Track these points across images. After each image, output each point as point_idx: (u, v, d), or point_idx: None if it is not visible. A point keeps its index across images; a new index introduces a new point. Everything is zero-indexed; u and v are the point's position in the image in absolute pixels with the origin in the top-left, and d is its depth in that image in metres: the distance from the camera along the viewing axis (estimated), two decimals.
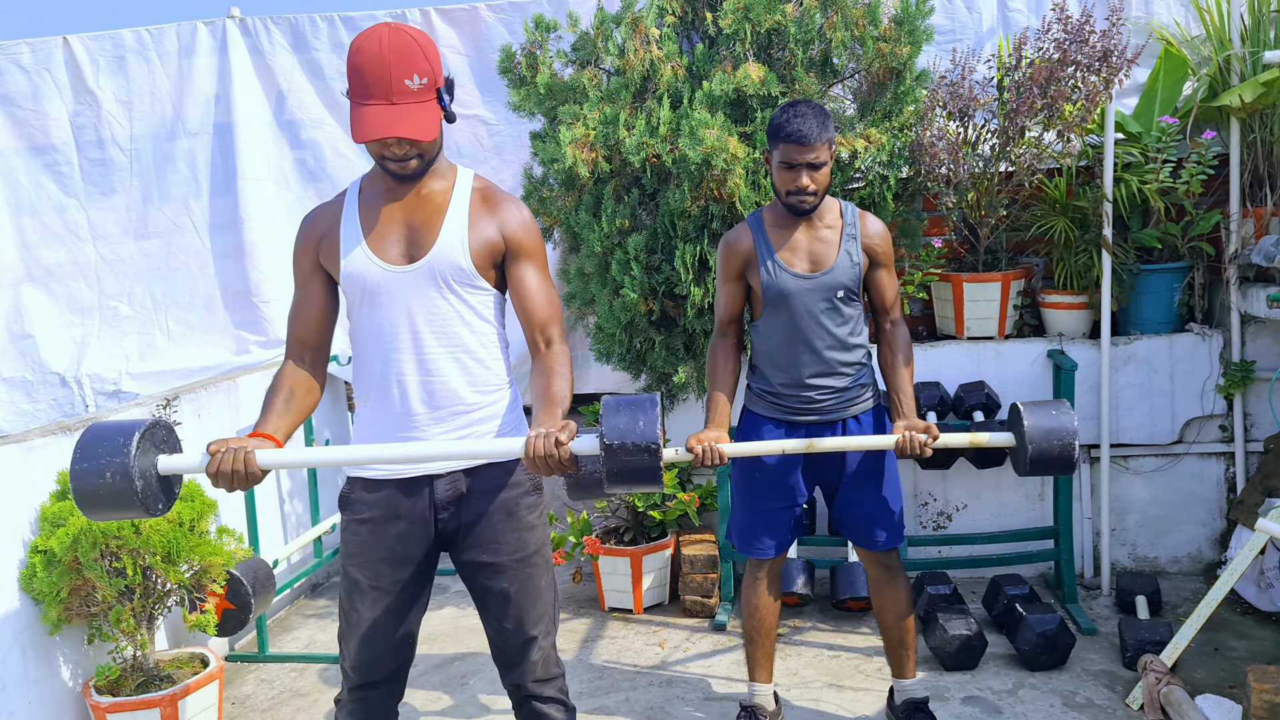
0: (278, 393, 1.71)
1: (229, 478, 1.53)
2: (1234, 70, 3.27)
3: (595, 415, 3.67)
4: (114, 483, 1.48)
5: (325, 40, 4.01)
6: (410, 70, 1.59)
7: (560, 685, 1.86)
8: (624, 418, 1.49)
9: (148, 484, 1.53)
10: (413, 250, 1.71)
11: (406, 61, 1.59)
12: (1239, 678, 2.68)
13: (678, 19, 3.39)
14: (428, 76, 1.62)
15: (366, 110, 1.59)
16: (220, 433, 3.30)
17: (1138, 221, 3.46)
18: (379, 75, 1.58)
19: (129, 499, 1.49)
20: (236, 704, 2.94)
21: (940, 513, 3.58)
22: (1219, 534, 3.49)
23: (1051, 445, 1.95)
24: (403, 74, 1.59)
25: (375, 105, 1.59)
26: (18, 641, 2.41)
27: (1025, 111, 3.19)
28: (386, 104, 1.59)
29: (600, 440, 1.50)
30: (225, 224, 4.06)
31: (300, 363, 1.77)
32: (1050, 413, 1.98)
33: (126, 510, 1.51)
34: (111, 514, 1.52)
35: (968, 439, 2.11)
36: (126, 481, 1.48)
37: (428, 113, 1.62)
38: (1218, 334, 3.39)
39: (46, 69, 4.01)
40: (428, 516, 1.77)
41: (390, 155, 1.64)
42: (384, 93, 1.59)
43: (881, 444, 2.18)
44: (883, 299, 2.36)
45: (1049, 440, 1.95)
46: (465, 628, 3.39)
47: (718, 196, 3.17)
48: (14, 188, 4.07)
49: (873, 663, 2.96)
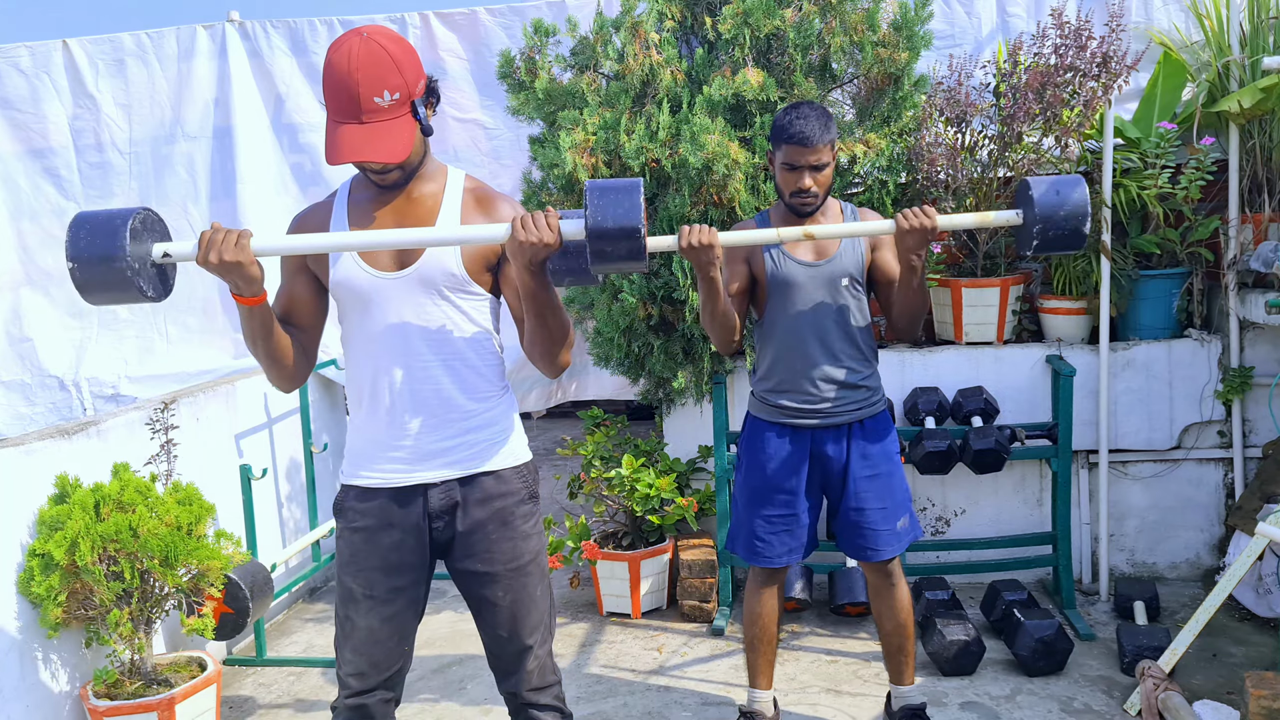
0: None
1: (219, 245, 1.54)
2: (1233, 76, 3.28)
3: (593, 420, 3.67)
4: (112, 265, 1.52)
5: (324, 44, 4.01)
6: (380, 87, 1.56)
7: (557, 692, 1.85)
8: (608, 199, 1.55)
9: (144, 269, 1.57)
10: (403, 256, 1.69)
11: (375, 78, 1.56)
12: (1237, 684, 2.68)
13: (677, 24, 3.40)
14: (399, 91, 1.58)
15: (339, 131, 1.58)
16: (219, 438, 3.31)
17: (1136, 227, 3.46)
18: (348, 94, 1.56)
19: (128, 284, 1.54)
20: (234, 708, 2.94)
21: (938, 518, 3.58)
22: (1217, 540, 3.49)
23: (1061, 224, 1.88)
24: (372, 91, 1.56)
25: (346, 125, 1.57)
26: (15, 645, 2.41)
27: (1022, 117, 3.20)
28: (356, 124, 1.57)
29: (585, 220, 1.56)
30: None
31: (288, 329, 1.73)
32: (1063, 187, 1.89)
33: (125, 294, 1.56)
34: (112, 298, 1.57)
35: (975, 218, 2.01)
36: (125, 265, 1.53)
37: (399, 130, 1.59)
38: (1216, 340, 3.39)
39: (46, 72, 4.01)
40: (422, 525, 1.76)
41: (368, 168, 1.64)
42: (353, 112, 1.57)
43: (881, 229, 2.07)
44: (890, 274, 2.32)
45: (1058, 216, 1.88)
46: (463, 632, 3.39)
47: (717, 201, 3.17)
48: (13, 191, 4.08)
49: (871, 668, 2.95)
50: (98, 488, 2.54)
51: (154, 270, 1.61)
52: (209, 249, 1.54)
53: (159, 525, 2.49)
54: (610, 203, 1.56)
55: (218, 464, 3.23)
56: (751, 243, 2.15)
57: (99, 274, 1.55)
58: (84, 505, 2.46)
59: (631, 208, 1.55)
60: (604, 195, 1.57)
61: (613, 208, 1.55)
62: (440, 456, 1.73)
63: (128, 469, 2.65)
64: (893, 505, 2.36)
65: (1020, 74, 3.23)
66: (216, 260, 1.54)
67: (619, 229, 1.55)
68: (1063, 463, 3.23)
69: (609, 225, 1.55)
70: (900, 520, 2.37)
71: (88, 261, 1.54)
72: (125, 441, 2.81)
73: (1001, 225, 2.01)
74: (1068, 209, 1.89)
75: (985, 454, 3.17)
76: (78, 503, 2.46)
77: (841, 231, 2.15)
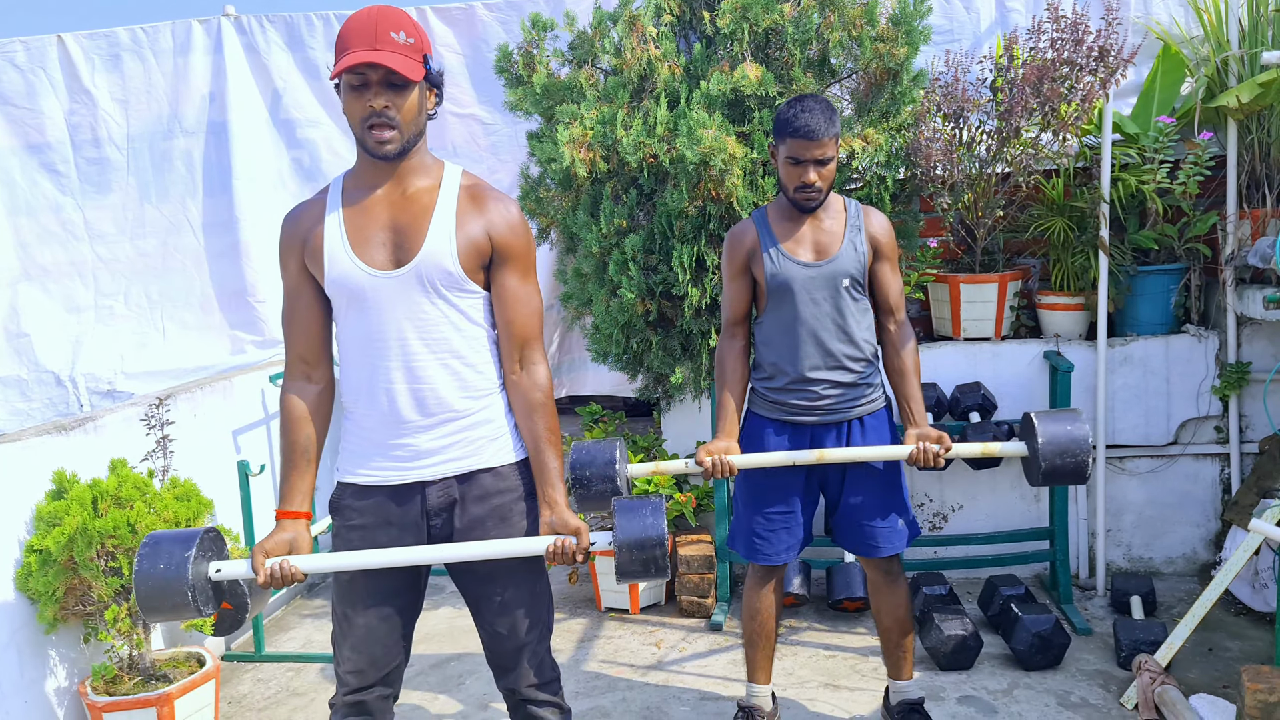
0: (294, 448, 1.74)
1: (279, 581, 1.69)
2: (1232, 71, 3.27)
3: (591, 416, 3.67)
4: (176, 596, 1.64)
5: (320, 39, 4.00)
6: (397, 27, 1.60)
7: (555, 689, 1.85)
8: (633, 519, 1.68)
9: (203, 590, 1.68)
10: (399, 254, 1.67)
11: (393, 21, 1.60)
12: (1233, 678, 2.68)
13: (675, 18, 3.39)
14: (414, 38, 1.62)
15: (348, 54, 1.59)
16: (216, 434, 3.30)
17: (1135, 223, 3.46)
18: (364, 29, 1.58)
19: (187, 606, 1.65)
20: (233, 703, 2.94)
21: (936, 513, 3.58)
22: (1214, 535, 3.50)
23: (1065, 459, 2.03)
24: (389, 28, 1.59)
25: (358, 50, 1.58)
26: (13, 641, 2.41)
27: (1018, 111, 3.19)
28: (370, 49, 1.58)
29: (614, 545, 1.68)
30: (220, 223, 4.05)
31: (306, 386, 1.75)
32: (1064, 425, 2.04)
33: (182, 614, 1.67)
34: (170, 618, 1.68)
35: (980, 449, 2.16)
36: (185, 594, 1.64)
37: (411, 62, 1.61)
38: (1214, 335, 3.39)
39: (41, 67, 4.00)
40: (420, 523, 1.75)
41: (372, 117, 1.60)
42: (368, 41, 1.58)
43: (896, 454, 2.20)
44: (886, 295, 2.34)
45: (1062, 454, 2.03)
46: (461, 628, 3.39)
47: (715, 197, 3.17)
48: (10, 186, 4.06)
49: (868, 663, 2.96)
50: (95, 483, 2.53)
51: (210, 590, 1.70)
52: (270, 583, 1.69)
53: (157, 521, 2.49)
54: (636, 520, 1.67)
55: (215, 460, 3.23)
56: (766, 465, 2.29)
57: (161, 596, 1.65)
58: (81, 501, 2.46)
59: (655, 525, 1.67)
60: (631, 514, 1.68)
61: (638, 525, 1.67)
62: (438, 454, 1.73)
63: (125, 465, 2.65)
64: (892, 502, 2.36)
65: (1017, 69, 3.23)
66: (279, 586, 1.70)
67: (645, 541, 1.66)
68: None
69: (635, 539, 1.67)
70: (900, 517, 2.37)
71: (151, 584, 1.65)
72: (122, 437, 2.81)
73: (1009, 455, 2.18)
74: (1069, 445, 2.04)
75: None
76: (75, 499, 2.46)
77: (854, 456, 2.23)
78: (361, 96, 1.61)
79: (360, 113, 1.62)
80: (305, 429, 1.74)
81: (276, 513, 1.74)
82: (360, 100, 1.61)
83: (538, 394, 1.74)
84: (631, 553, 1.66)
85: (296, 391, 1.75)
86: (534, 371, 1.75)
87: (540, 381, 1.75)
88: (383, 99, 1.60)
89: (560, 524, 1.69)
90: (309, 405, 1.75)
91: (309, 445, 1.74)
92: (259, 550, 1.67)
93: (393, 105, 1.61)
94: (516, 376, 1.75)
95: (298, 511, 1.73)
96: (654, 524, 1.66)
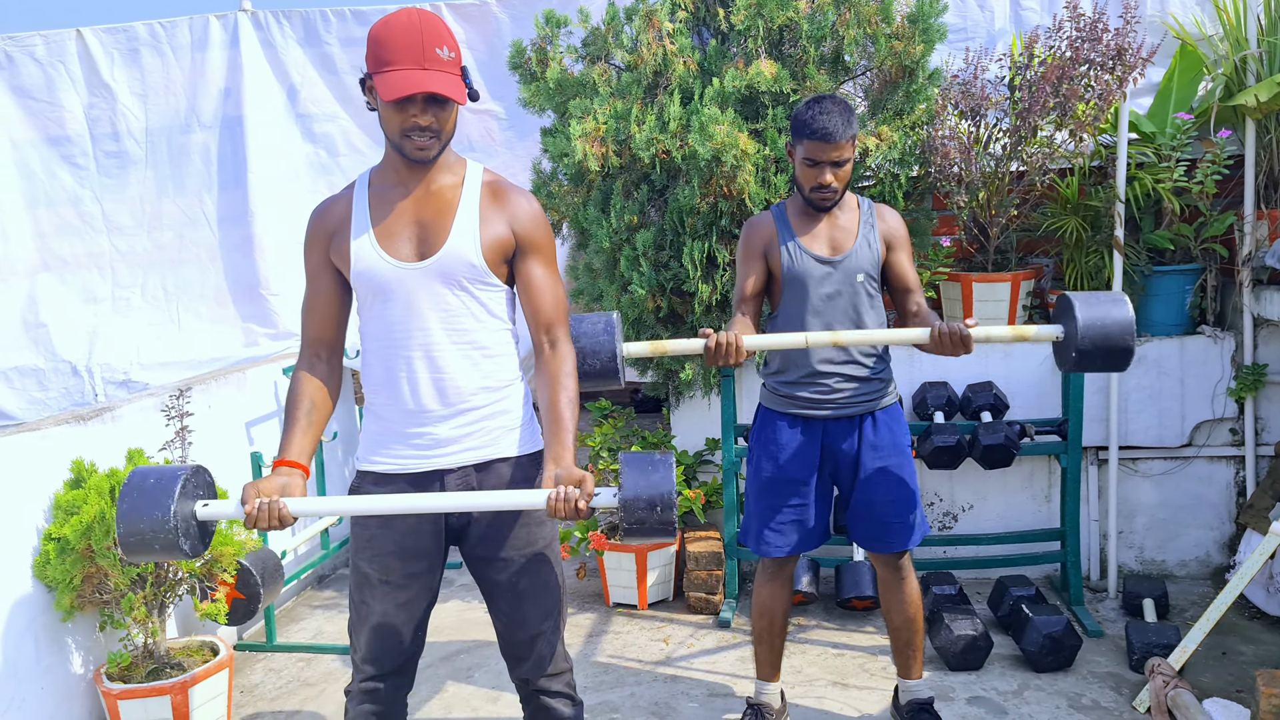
0: (298, 408, 1.73)
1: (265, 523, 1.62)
2: (1250, 70, 3.25)
3: (601, 411, 3.67)
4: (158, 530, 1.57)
5: (337, 34, 4.02)
6: (441, 42, 1.61)
7: (568, 679, 1.87)
8: (641, 474, 1.58)
9: (188, 529, 1.61)
10: (424, 247, 1.71)
11: (437, 35, 1.61)
12: (1247, 682, 2.67)
13: (690, 14, 3.39)
14: (455, 53, 1.64)
15: (396, 73, 1.59)
16: (231, 425, 3.33)
17: (1150, 222, 3.44)
18: (410, 42, 1.59)
19: (171, 545, 1.58)
20: (245, 692, 2.96)
21: (946, 513, 3.57)
22: (1228, 538, 3.47)
23: (1103, 342, 1.85)
24: (435, 43, 1.60)
25: (406, 69, 1.59)
26: (30, 628, 2.43)
27: (1037, 110, 3.18)
28: (419, 69, 1.59)
29: (619, 499, 1.58)
30: (235, 217, 4.08)
31: (316, 363, 1.77)
32: (1105, 307, 1.87)
33: (168, 554, 1.60)
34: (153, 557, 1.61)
35: (1012, 332, 2.01)
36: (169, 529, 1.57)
37: (458, 81, 1.63)
38: (1230, 336, 3.37)
39: (61, 61, 4.03)
40: (438, 512, 1.77)
41: (415, 130, 1.63)
42: (416, 59, 1.59)
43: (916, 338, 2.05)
44: (904, 280, 2.33)
45: (1102, 337, 1.85)
46: (471, 620, 3.41)
47: (727, 194, 3.17)
48: (29, 178, 4.10)
49: (877, 661, 2.96)
50: (113, 473, 2.56)
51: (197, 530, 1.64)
52: (255, 524, 1.61)
53: None
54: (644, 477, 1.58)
55: (229, 451, 3.26)
56: (776, 347, 2.18)
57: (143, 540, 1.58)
58: (99, 490, 2.48)
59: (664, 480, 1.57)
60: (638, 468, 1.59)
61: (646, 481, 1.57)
62: (457, 443, 1.75)
63: (142, 454, 2.67)
64: (904, 498, 2.36)
65: (1035, 67, 3.21)
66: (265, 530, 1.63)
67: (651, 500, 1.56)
68: (1072, 459, 3.23)
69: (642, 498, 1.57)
70: (912, 514, 2.37)
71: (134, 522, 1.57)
72: (140, 427, 2.84)
73: (1042, 340, 1.99)
74: (1111, 326, 1.86)
75: (994, 449, 3.17)
76: (93, 488, 2.49)
77: (873, 339, 2.14)
78: (405, 110, 1.62)
79: (402, 124, 1.64)
80: (311, 394, 1.74)
81: (274, 462, 1.71)
82: (403, 114, 1.63)
83: (564, 369, 1.75)
84: (638, 511, 1.56)
85: (306, 368, 1.77)
86: (560, 350, 1.77)
87: (566, 360, 1.77)
88: (429, 116, 1.63)
89: (565, 475, 1.61)
90: (318, 378, 1.77)
91: (312, 409, 1.73)
92: (250, 487, 1.60)
93: (437, 120, 1.64)
94: (545, 356, 1.77)
95: (295, 462, 1.68)
96: (662, 481, 1.57)
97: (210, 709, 2.60)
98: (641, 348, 2.16)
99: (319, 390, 1.75)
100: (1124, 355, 1.89)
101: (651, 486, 1.56)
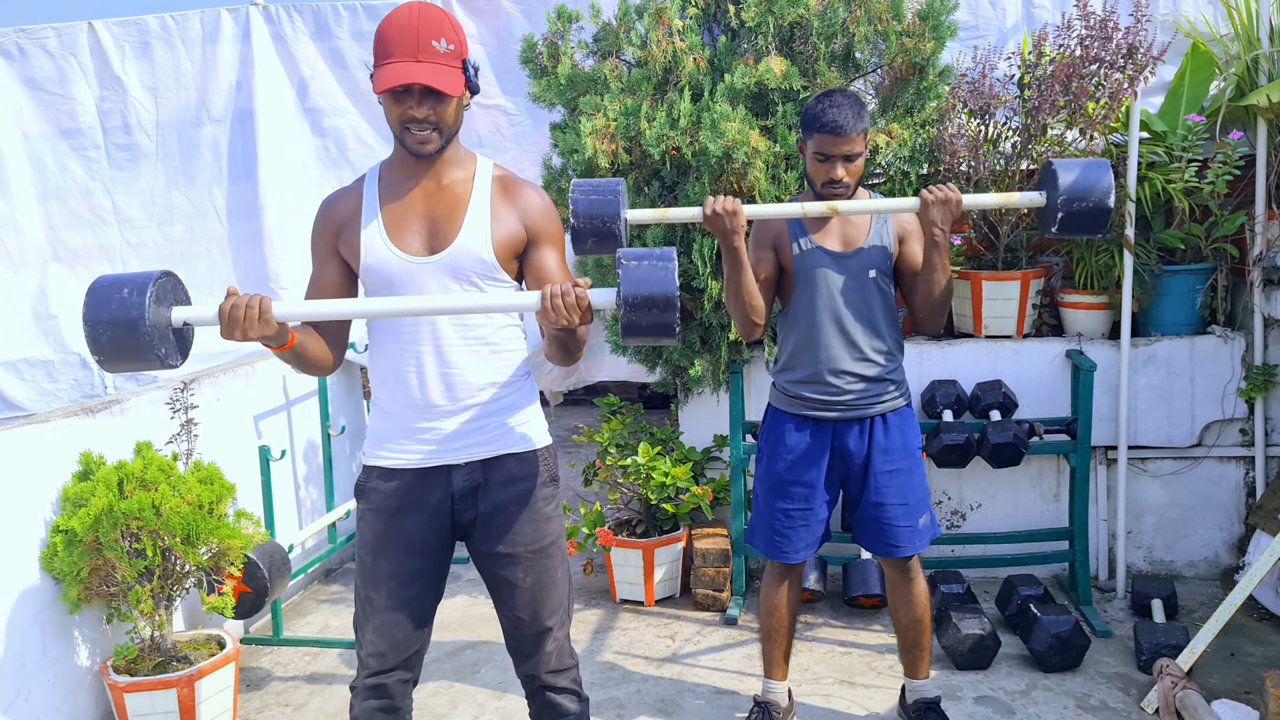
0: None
1: (241, 323, 1.49)
2: (1262, 70, 3.23)
3: (609, 407, 3.67)
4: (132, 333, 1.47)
5: (347, 28, 4.02)
6: (439, 34, 1.60)
7: (574, 676, 1.87)
8: (642, 270, 1.48)
9: (163, 335, 1.52)
10: (434, 242, 1.71)
11: (434, 27, 1.60)
12: (1255, 683, 2.66)
13: (700, 11, 3.38)
14: (455, 44, 1.63)
15: (389, 66, 1.59)
16: (238, 419, 3.33)
17: (1160, 222, 3.42)
18: (405, 36, 1.59)
19: (146, 351, 1.48)
20: (251, 686, 2.97)
21: (954, 512, 3.56)
22: (1237, 539, 3.46)
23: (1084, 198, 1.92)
24: (430, 35, 1.60)
25: (400, 62, 1.59)
26: (37, 620, 2.44)
27: (1047, 109, 3.16)
28: (412, 61, 1.59)
29: (618, 293, 1.49)
30: (245, 211, 4.08)
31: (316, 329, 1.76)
32: (1087, 171, 1.93)
33: (144, 361, 1.50)
34: (129, 365, 1.51)
35: (999, 198, 2.07)
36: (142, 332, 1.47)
37: (452, 73, 1.62)
38: (1240, 337, 3.35)
39: (72, 54, 4.04)
40: (444, 506, 1.77)
41: (412, 121, 1.62)
42: (410, 51, 1.59)
43: (906, 206, 2.09)
44: (917, 266, 2.31)
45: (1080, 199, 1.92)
46: (477, 616, 3.41)
47: (738, 190, 3.16)
48: (41, 171, 4.12)
49: (884, 660, 2.95)
50: (121, 465, 2.56)
51: (173, 336, 1.55)
52: (233, 327, 1.49)
53: (181, 504, 2.52)
54: (644, 272, 1.48)
55: (237, 444, 3.26)
56: (775, 215, 2.18)
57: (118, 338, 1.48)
58: (107, 483, 2.49)
59: (666, 276, 1.47)
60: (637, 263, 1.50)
61: (646, 277, 1.48)
62: (465, 438, 1.75)
63: (150, 447, 2.68)
64: (914, 502, 2.34)
65: (1045, 65, 3.20)
66: (242, 338, 1.50)
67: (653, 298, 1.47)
68: (1081, 458, 3.21)
69: (642, 294, 1.47)
70: (921, 517, 2.35)
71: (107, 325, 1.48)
72: (148, 420, 2.84)
73: (1025, 205, 2.06)
74: (1092, 189, 1.93)
75: (1003, 448, 3.16)
76: (101, 480, 2.49)
77: (867, 208, 2.13)
78: (402, 102, 1.62)
79: (400, 116, 1.64)
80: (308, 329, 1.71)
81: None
82: (401, 106, 1.63)
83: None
84: (639, 310, 1.46)
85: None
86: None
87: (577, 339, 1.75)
88: (424, 108, 1.62)
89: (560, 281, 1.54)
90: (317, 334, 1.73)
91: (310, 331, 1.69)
92: (229, 291, 1.51)
93: (434, 112, 1.63)
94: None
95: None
96: (664, 274, 1.46)
97: (217, 702, 2.60)
98: (648, 214, 2.08)
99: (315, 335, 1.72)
100: (1103, 216, 1.95)
101: (652, 284, 1.46)
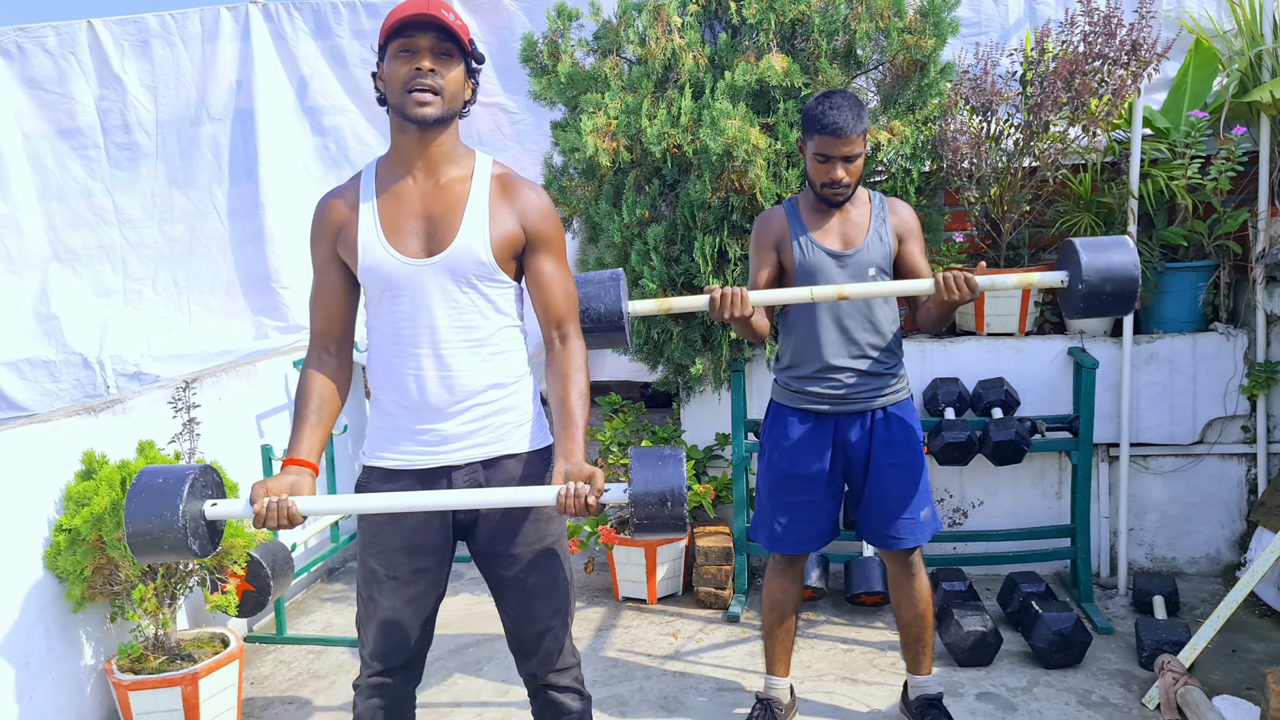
0: (307, 405, 1.72)
1: (275, 521, 1.61)
2: (1265, 66, 3.22)
3: (611, 406, 3.67)
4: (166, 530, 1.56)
5: (347, 27, 4.02)
6: (448, 8, 1.65)
7: (576, 674, 1.87)
8: (650, 470, 1.57)
9: (197, 529, 1.60)
10: (432, 243, 1.69)
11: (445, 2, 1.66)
12: (1257, 680, 2.66)
13: (700, 8, 3.38)
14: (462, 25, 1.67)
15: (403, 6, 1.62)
16: (241, 418, 3.34)
17: (1163, 219, 3.42)
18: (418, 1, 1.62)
19: (180, 545, 1.57)
20: (255, 684, 2.98)
21: (956, 509, 3.56)
22: (1238, 536, 3.46)
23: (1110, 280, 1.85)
24: (442, 4, 1.64)
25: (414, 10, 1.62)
26: (41, 619, 2.45)
27: (1049, 106, 3.16)
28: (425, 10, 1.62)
29: (629, 495, 1.57)
30: (245, 210, 4.08)
31: (325, 357, 1.77)
32: (1108, 252, 1.86)
33: (178, 554, 1.59)
34: (162, 558, 1.60)
35: (1017, 279, 2.03)
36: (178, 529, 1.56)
37: (463, 33, 1.66)
38: (1242, 334, 3.35)
39: (72, 52, 4.04)
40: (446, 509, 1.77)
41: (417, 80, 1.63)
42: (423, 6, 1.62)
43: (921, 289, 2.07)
44: (917, 272, 2.32)
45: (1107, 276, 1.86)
46: (480, 614, 3.42)
47: (738, 188, 3.16)
48: (41, 171, 4.12)
49: (886, 657, 2.96)
50: (124, 464, 2.57)
51: (205, 529, 1.63)
52: (264, 524, 1.59)
53: None
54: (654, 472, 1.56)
55: (239, 444, 3.27)
56: (780, 302, 2.22)
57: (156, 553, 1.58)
58: (110, 481, 2.49)
59: (674, 475, 1.55)
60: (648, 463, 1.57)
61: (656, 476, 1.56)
62: (464, 439, 1.74)
63: (153, 446, 2.68)
64: (915, 494, 2.35)
65: (1048, 62, 3.19)
66: (274, 529, 1.61)
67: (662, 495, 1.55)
68: (1083, 456, 3.21)
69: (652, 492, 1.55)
70: (923, 510, 2.36)
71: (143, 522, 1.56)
72: (150, 419, 2.84)
73: (1046, 286, 1.99)
74: (1114, 272, 1.86)
75: (1005, 446, 3.16)
76: (104, 479, 2.50)
77: (877, 291, 2.13)
78: (409, 60, 1.63)
79: (405, 75, 1.64)
80: (319, 390, 1.74)
81: (283, 460, 1.71)
82: (407, 64, 1.63)
83: (574, 365, 1.75)
84: (648, 507, 1.54)
85: (315, 364, 1.77)
86: (571, 345, 1.76)
87: (576, 355, 1.76)
88: (430, 62, 1.63)
89: (575, 470, 1.59)
90: (327, 374, 1.76)
91: (321, 405, 1.73)
92: (259, 486, 1.60)
93: (439, 70, 1.64)
94: (555, 351, 1.76)
95: (304, 460, 1.68)
96: (673, 476, 1.55)
97: (220, 700, 2.61)
98: (649, 305, 2.13)
99: (327, 386, 1.75)
100: (1129, 298, 1.88)
101: (662, 482, 1.54)
